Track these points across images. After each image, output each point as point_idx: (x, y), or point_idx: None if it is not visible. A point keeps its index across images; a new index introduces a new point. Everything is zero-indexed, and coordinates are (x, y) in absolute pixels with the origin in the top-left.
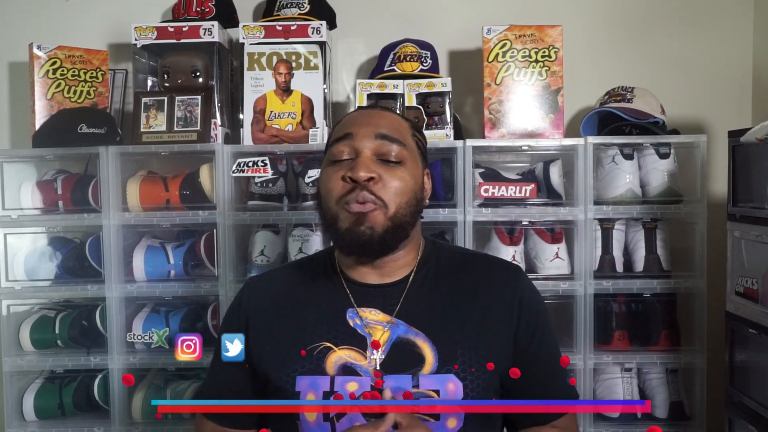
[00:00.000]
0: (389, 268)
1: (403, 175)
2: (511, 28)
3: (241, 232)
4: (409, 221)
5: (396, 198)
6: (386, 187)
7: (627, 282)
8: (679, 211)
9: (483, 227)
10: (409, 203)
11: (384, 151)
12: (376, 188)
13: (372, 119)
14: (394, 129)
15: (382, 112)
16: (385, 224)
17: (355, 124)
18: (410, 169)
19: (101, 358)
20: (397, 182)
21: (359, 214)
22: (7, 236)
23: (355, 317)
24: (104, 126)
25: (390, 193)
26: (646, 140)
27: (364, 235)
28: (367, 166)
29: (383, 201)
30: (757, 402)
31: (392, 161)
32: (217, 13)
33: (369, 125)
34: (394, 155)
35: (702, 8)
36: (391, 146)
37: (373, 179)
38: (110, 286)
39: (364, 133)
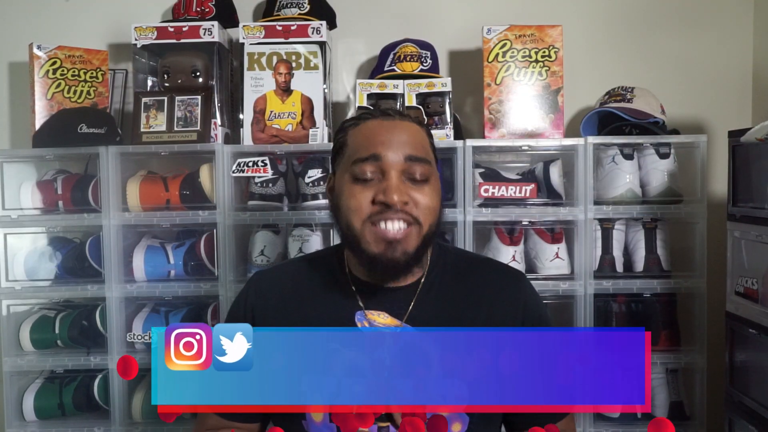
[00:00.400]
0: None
1: (431, 192)
2: (511, 28)
3: (241, 232)
4: (434, 232)
5: (428, 217)
6: (418, 208)
7: (627, 282)
8: (679, 211)
9: (483, 227)
10: (437, 218)
11: (412, 171)
12: (411, 209)
13: (398, 136)
14: (419, 146)
15: (405, 126)
16: (417, 244)
17: (381, 143)
18: (434, 184)
19: (101, 358)
20: (428, 201)
21: (394, 241)
22: (7, 236)
23: (363, 320)
24: (104, 126)
25: (422, 213)
26: (646, 140)
27: (398, 261)
28: (399, 190)
29: (416, 219)
30: (758, 402)
31: (419, 180)
32: (217, 13)
33: (396, 145)
34: (421, 174)
35: (702, 8)
36: (419, 166)
37: (407, 203)
38: (110, 286)
39: (392, 155)
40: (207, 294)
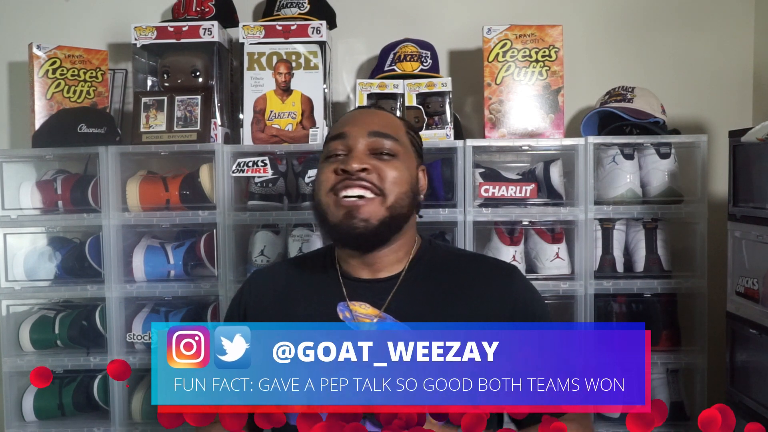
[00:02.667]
0: (381, 263)
1: (398, 165)
2: (512, 27)
3: (241, 232)
4: (405, 213)
5: (394, 187)
6: (382, 177)
7: (627, 282)
8: (680, 211)
9: (483, 227)
10: (407, 194)
11: (377, 146)
12: (372, 178)
13: (365, 118)
14: (386, 125)
15: (376, 111)
16: (383, 215)
17: (348, 123)
18: (405, 161)
19: (101, 358)
20: (393, 172)
21: (351, 207)
22: (6, 236)
23: (346, 310)
24: (104, 126)
25: (387, 183)
26: (646, 140)
27: (357, 227)
28: (359, 158)
29: (381, 189)
30: (758, 402)
31: (386, 155)
32: (217, 12)
33: (362, 123)
34: (388, 149)
35: (702, 8)
36: (384, 141)
37: (366, 170)
38: (110, 286)
39: (357, 131)
40: (207, 294)
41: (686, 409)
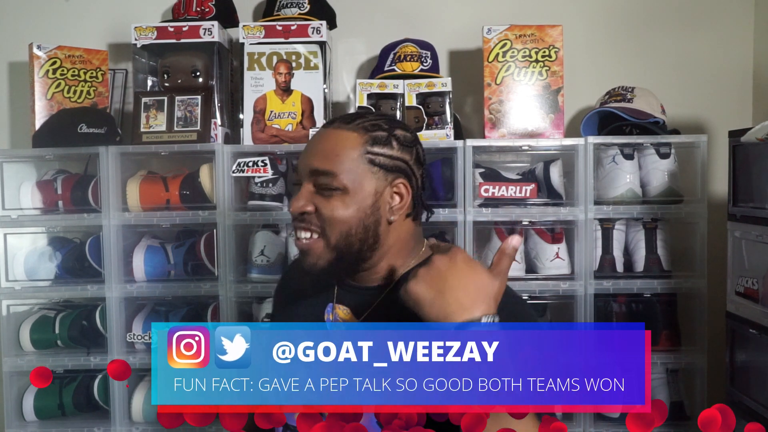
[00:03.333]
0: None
1: (337, 204)
2: (512, 27)
3: (241, 232)
4: (358, 248)
5: (334, 228)
6: (323, 219)
7: (627, 282)
8: (680, 211)
9: (483, 227)
10: (353, 231)
11: (320, 183)
12: (313, 219)
13: (313, 148)
14: (329, 157)
15: (328, 135)
16: (328, 256)
17: (302, 154)
18: (353, 195)
19: (101, 358)
20: (329, 212)
21: (302, 249)
22: (7, 236)
23: (330, 312)
24: (104, 126)
25: (328, 225)
26: (646, 140)
27: (309, 266)
28: (301, 200)
29: (324, 231)
30: (758, 402)
31: (328, 192)
32: (217, 13)
33: (309, 156)
34: (329, 185)
35: (702, 8)
36: (324, 179)
37: (307, 213)
38: (110, 286)
39: (302, 168)
40: (207, 294)
41: (686, 409)
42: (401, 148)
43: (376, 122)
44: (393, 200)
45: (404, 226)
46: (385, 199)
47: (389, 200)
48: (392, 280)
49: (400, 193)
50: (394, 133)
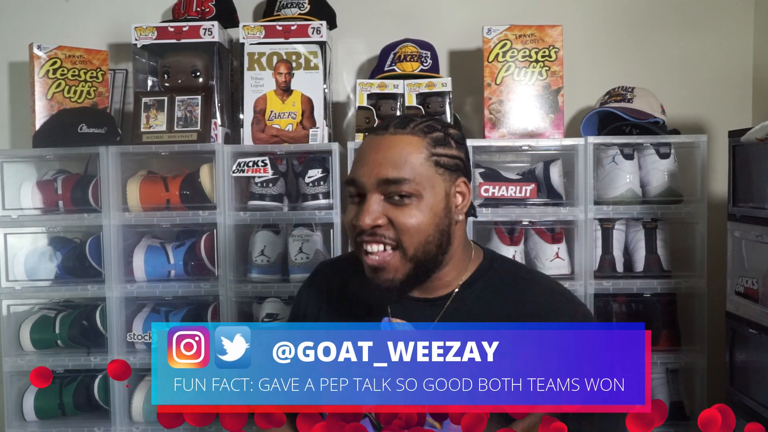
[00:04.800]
0: (431, 286)
1: (414, 212)
2: (512, 28)
3: (241, 232)
4: (435, 254)
5: (412, 238)
6: (399, 229)
7: (627, 282)
8: (680, 211)
9: (483, 227)
10: (431, 238)
11: (389, 192)
12: (386, 232)
13: (376, 156)
14: (398, 164)
15: (389, 143)
16: (406, 268)
17: (359, 164)
18: (427, 200)
19: (101, 358)
20: (409, 220)
21: (375, 266)
22: (7, 236)
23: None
24: (104, 126)
25: (405, 236)
26: (646, 140)
27: (385, 283)
28: (370, 213)
29: (398, 242)
30: (758, 402)
31: (401, 200)
32: (217, 13)
33: (372, 165)
34: (399, 194)
35: (702, 8)
36: (396, 187)
37: (379, 226)
38: (110, 286)
39: (367, 177)
40: (207, 294)
41: (686, 409)
42: (458, 146)
43: (430, 123)
44: (457, 199)
45: (464, 224)
46: (452, 199)
47: (454, 200)
48: (452, 288)
49: (462, 192)
50: (449, 132)
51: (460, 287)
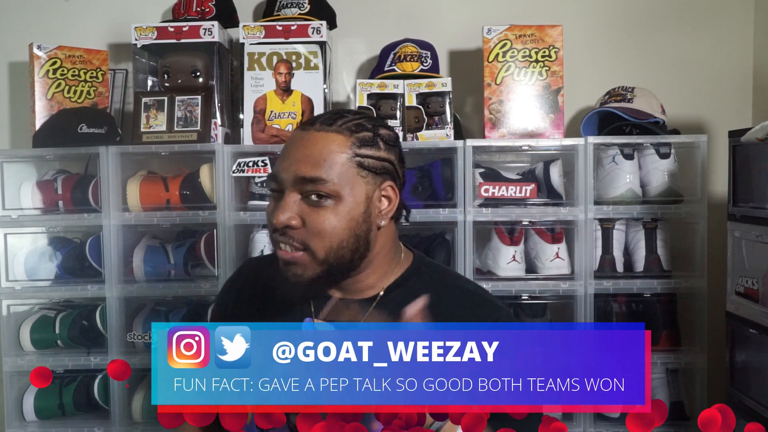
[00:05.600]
0: (353, 288)
1: (328, 216)
2: (512, 28)
3: (241, 232)
4: (350, 259)
5: (323, 242)
6: (310, 233)
7: (627, 282)
8: (680, 211)
9: (483, 227)
10: (344, 243)
11: (306, 191)
12: (299, 234)
13: (296, 153)
14: (318, 162)
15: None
16: (315, 269)
17: (281, 159)
18: (345, 203)
19: (101, 358)
20: (321, 225)
21: (285, 260)
22: (7, 236)
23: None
24: (104, 126)
25: (315, 239)
26: (646, 140)
27: (294, 277)
28: (284, 212)
29: (309, 247)
30: (758, 402)
31: (318, 200)
32: (217, 13)
33: (290, 163)
34: (319, 194)
35: (702, 8)
36: (313, 186)
37: (290, 226)
38: (110, 286)
39: (285, 175)
40: (207, 294)
41: (686, 409)
42: (387, 148)
43: (359, 122)
44: (382, 204)
45: (389, 229)
46: (374, 203)
47: (378, 204)
48: (377, 290)
49: (388, 197)
50: (379, 132)
51: (384, 290)
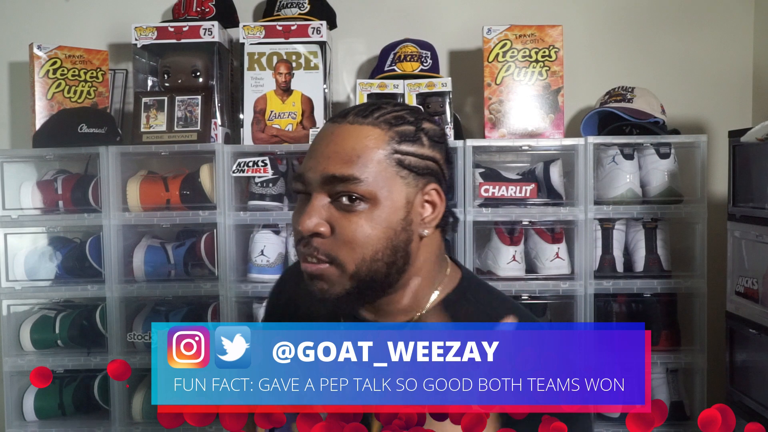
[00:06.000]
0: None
1: (362, 222)
2: (512, 28)
3: (241, 232)
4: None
5: (354, 254)
6: (338, 242)
7: (627, 282)
8: (680, 211)
9: (483, 227)
10: (379, 255)
11: (337, 192)
12: (326, 244)
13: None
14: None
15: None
16: (345, 285)
17: (308, 157)
18: (382, 207)
19: (101, 358)
20: (354, 233)
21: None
22: (7, 236)
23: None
24: (104, 126)
25: (345, 250)
26: (646, 140)
27: (319, 293)
28: (310, 217)
29: (337, 259)
30: (758, 402)
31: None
32: (217, 13)
33: (319, 159)
34: (351, 197)
35: (702, 8)
36: (344, 186)
37: (319, 234)
38: (110, 286)
39: (312, 174)
40: (207, 294)
41: (686, 409)
42: (432, 144)
43: (400, 114)
44: (425, 210)
45: (434, 240)
46: (416, 209)
47: (420, 210)
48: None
49: (432, 201)
50: (422, 126)
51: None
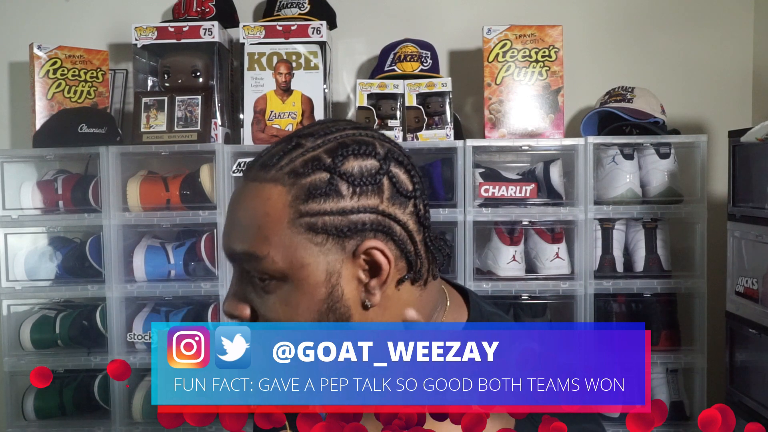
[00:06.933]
0: None
1: (277, 305)
2: (512, 28)
3: None
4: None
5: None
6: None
7: (627, 282)
8: (680, 211)
9: (483, 227)
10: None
11: (245, 271)
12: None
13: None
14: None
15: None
16: None
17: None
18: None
19: (101, 358)
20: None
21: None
22: (7, 236)
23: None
24: (104, 126)
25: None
26: (646, 140)
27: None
28: (230, 301)
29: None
30: (758, 402)
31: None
32: (217, 13)
33: (226, 230)
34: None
35: (702, 8)
36: (249, 265)
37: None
38: (110, 286)
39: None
40: (207, 294)
41: (686, 409)
42: (358, 192)
43: (315, 155)
44: (364, 276)
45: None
46: (347, 279)
47: (359, 277)
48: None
49: (375, 262)
50: (341, 170)
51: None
